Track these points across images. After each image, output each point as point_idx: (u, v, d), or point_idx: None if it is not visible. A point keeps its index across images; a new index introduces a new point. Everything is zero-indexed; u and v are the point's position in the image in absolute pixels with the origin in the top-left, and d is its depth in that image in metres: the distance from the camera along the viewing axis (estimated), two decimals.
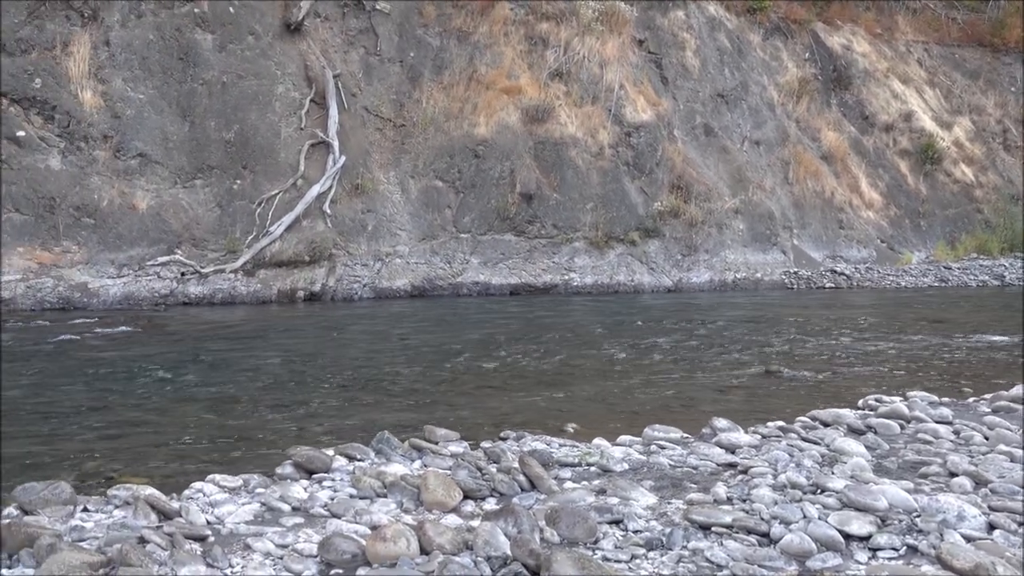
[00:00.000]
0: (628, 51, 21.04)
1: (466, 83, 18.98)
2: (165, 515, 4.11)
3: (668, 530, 3.87)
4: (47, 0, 15.40)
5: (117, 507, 4.28)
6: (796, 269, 19.93)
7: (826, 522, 3.89)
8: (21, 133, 14.50)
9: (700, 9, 23.22)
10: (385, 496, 4.50)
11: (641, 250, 18.52)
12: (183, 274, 14.69)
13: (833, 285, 19.47)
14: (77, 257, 14.19)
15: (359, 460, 5.21)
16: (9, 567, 3.53)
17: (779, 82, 23.97)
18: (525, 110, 18.82)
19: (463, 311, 14.45)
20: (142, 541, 3.68)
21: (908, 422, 6.12)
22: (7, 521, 3.91)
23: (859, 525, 3.87)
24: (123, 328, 11.63)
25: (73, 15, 15.66)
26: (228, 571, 3.57)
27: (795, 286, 19.26)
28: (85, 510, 4.25)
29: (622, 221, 18.57)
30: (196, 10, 16.80)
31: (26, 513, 4.16)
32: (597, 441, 5.66)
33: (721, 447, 5.46)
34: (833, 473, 4.71)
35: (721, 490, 4.44)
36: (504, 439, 5.85)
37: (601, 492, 4.51)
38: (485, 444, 5.54)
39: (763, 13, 24.69)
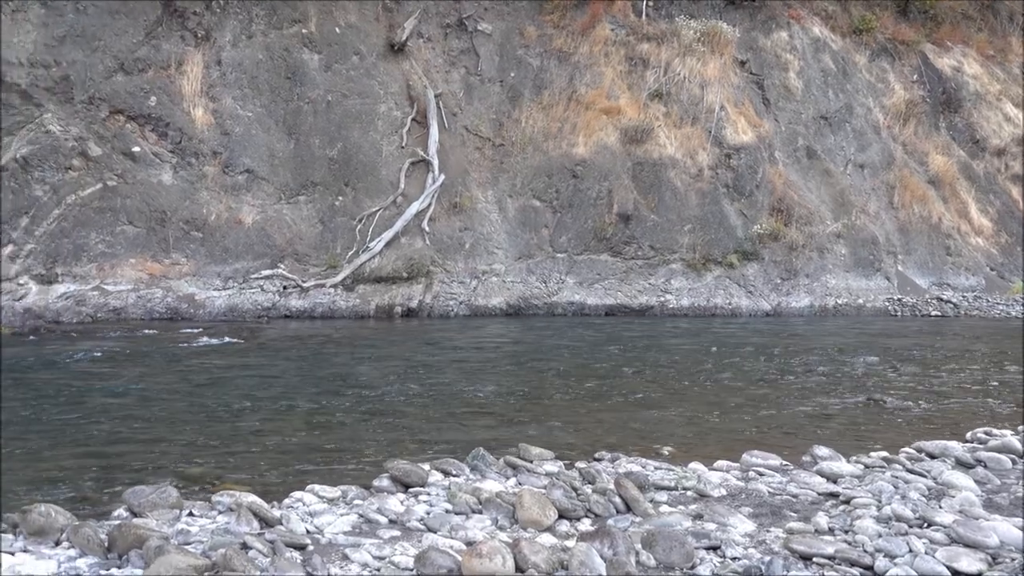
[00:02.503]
0: (729, 72, 20.84)
1: (565, 103, 19.07)
2: (267, 522, 4.20)
3: (767, 558, 3.79)
4: (163, 22, 16.01)
5: (220, 513, 4.39)
6: (900, 296, 19.38)
7: (933, 557, 3.77)
8: (136, 149, 15.08)
9: (804, 30, 22.87)
10: (480, 512, 4.51)
11: (739, 273, 18.27)
12: (285, 288, 15.05)
13: (939, 313, 18.87)
14: (185, 269, 14.67)
15: (454, 475, 5.25)
16: (119, 567, 3.65)
17: (885, 104, 23.42)
18: (624, 130, 18.80)
19: (558, 331, 14.44)
20: (245, 547, 3.77)
21: (1020, 457, 5.89)
22: (118, 523, 4.04)
23: (968, 562, 3.74)
24: (228, 339, 11.97)
25: (187, 35, 16.24)
26: None
27: (899, 313, 18.73)
28: (190, 514, 4.37)
29: (720, 243, 18.36)
30: (304, 31, 17.27)
31: (135, 515, 4.30)
32: (693, 465, 5.58)
33: (822, 476, 5.33)
34: (941, 507, 4.56)
35: (823, 520, 4.34)
36: (599, 460, 5.81)
37: (698, 517, 4.45)
38: (580, 464, 5.51)
39: (870, 34, 24.19)
